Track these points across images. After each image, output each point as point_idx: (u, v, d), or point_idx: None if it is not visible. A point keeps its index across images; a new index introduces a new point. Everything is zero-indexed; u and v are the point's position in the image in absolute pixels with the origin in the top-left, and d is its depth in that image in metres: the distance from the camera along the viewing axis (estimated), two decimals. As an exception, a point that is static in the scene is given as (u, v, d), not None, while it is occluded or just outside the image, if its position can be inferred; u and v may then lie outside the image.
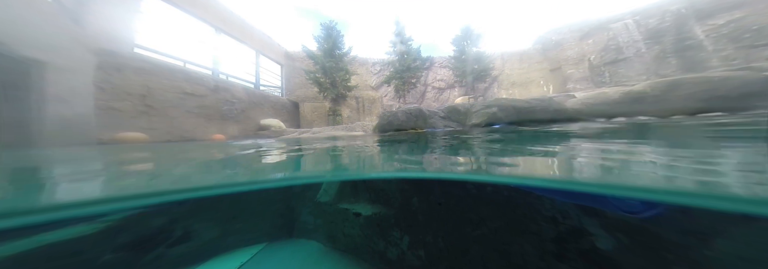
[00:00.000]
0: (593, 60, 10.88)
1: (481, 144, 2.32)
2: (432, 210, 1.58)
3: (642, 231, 1.00)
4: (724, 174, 0.92)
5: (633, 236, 1.02)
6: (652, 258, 0.97)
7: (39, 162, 2.26)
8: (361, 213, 1.82)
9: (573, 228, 1.16)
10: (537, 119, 4.46)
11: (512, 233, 1.30)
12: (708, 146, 1.57)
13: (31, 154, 3.05)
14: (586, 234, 1.12)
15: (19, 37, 3.90)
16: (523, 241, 1.25)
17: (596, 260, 1.08)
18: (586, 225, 1.13)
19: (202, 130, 8.01)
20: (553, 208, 1.22)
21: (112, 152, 3.12)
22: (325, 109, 12.67)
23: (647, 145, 1.74)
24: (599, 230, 1.09)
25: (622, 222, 1.05)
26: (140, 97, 6.60)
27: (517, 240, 1.27)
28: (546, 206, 1.24)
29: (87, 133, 5.54)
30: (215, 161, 2.23)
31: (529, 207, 1.28)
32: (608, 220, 1.08)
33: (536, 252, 1.21)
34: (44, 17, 4.44)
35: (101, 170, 1.90)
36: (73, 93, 5.12)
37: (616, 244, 1.04)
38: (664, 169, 1.04)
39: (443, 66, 14.54)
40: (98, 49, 5.92)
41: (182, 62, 8.16)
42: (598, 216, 1.11)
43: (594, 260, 1.08)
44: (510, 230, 1.31)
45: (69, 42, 5.07)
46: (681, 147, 1.62)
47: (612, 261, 1.05)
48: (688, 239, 0.92)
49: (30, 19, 4.11)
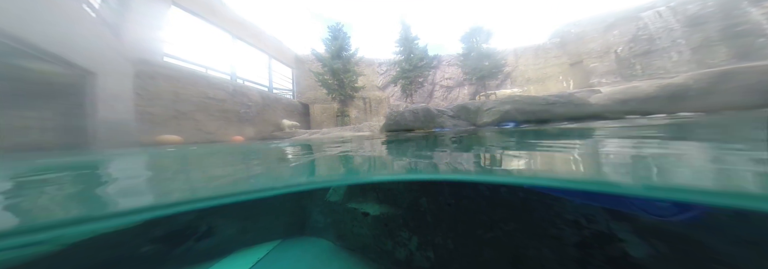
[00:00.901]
0: (620, 52, 10.03)
1: (491, 145, 2.21)
2: (441, 211, 1.52)
3: (684, 239, 0.88)
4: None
5: (673, 243, 0.90)
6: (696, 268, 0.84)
7: (156, 164, 2.46)
8: (369, 212, 1.80)
9: (599, 232, 1.05)
10: (556, 117, 4.17)
11: (529, 236, 1.21)
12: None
13: (112, 156, 3.42)
14: (615, 240, 1.00)
15: (73, 49, 4.41)
16: (541, 245, 1.16)
17: (627, 268, 0.96)
18: (615, 230, 1.02)
19: (223, 131, 8.51)
20: (576, 211, 1.12)
21: (178, 154, 3.31)
22: (334, 110, 12.91)
23: (693, 143, 1.54)
24: (631, 235, 0.98)
25: (659, 227, 0.93)
26: (171, 102, 7.18)
27: (534, 244, 1.18)
28: (567, 209, 1.14)
29: (130, 135, 6.12)
30: (286, 162, 2.29)
31: (548, 210, 1.18)
32: (641, 225, 0.97)
33: (556, 258, 1.11)
34: (90, 31, 4.99)
35: (234, 170, 2.02)
36: (117, 99, 5.70)
37: (652, 252, 0.92)
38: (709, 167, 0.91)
39: (451, 64, 14.20)
40: (135, 59, 6.54)
41: (204, 69, 8.76)
42: (628, 220, 0.99)
43: (624, 268, 0.97)
44: (526, 233, 1.22)
45: (111, 53, 5.66)
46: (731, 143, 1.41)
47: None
48: (742, 249, 0.79)
49: (79, 33, 4.64)
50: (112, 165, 2.43)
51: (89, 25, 5.02)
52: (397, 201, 1.76)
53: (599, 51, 10.70)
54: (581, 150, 1.59)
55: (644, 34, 9.45)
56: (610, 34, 10.41)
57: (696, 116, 3.57)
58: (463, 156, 1.82)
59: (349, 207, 1.97)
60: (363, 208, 1.86)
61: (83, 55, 4.61)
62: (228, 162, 2.50)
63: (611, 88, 6.56)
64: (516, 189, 1.30)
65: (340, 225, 2.06)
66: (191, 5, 8.49)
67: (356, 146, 2.95)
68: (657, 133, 2.05)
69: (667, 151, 1.32)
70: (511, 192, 1.32)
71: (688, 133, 2.11)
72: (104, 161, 2.68)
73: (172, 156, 3.03)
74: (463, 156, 1.82)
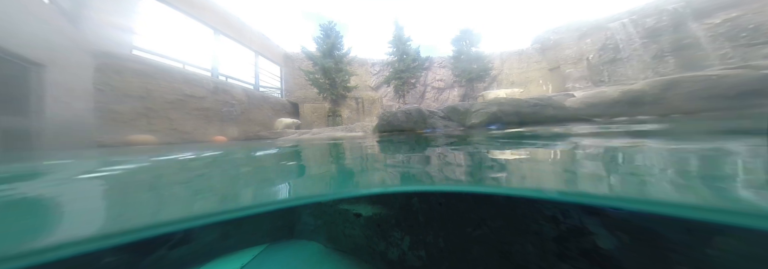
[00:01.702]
0: (591, 59, 10.92)
1: (479, 150, 2.31)
2: (432, 210, 1.57)
3: (644, 230, 1.00)
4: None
5: (635, 235, 1.02)
6: (656, 256, 0.96)
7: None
8: (362, 213, 1.81)
9: (574, 227, 1.15)
10: (537, 119, 4.46)
11: (513, 233, 1.30)
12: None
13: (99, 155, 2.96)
14: (587, 233, 1.11)
15: (13, 36, 3.87)
16: (524, 241, 1.25)
17: (598, 259, 1.07)
18: (587, 224, 1.12)
19: (201, 131, 8.00)
20: (554, 207, 1.22)
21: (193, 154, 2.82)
22: (325, 109, 12.67)
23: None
24: (600, 229, 1.09)
25: (623, 220, 1.04)
26: (140, 99, 6.60)
27: (518, 240, 1.27)
28: (546, 205, 1.24)
29: (87, 135, 5.53)
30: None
31: (530, 206, 1.28)
32: (609, 219, 1.08)
33: (537, 252, 1.20)
34: (38, 16, 4.42)
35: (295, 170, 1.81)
36: (72, 95, 5.11)
37: (618, 243, 1.04)
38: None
39: (442, 66, 14.57)
40: (96, 51, 5.92)
41: (181, 64, 8.16)
42: (597, 214, 1.11)
43: (596, 259, 1.08)
44: (511, 229, 1.31)
45: (66, 43, 5.06)
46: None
47: (614, 261, 1.04)
48: (691, 238, 0.92)
49: (23, 18, 4.07)
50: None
51: (37, 9, 4.44)
52: (389, 202, 1.79)
53: (574, 57, 11.57)
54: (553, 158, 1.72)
55: (611, 43, 10.37)
56: (583, 43, 11.29)
57: (649, 119, 4.00)
58: (450, 163, 1.87)
59: (341, 208, 1.96)
60: (355, 209, 1.87)
61: (27, 44, 4.05)
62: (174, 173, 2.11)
63: (583, 92, 7.13)
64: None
65: (332, 226, 2.05)
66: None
67: (349, 153, 2.93)
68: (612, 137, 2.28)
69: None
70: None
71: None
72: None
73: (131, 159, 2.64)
74: (450, 163, 1.87)
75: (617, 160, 1.52)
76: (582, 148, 1.84)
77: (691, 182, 1.00)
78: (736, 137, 1.73)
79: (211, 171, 1.98)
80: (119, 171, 1.90)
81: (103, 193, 1.33)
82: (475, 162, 1.80)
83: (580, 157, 1.62)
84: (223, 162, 2.37)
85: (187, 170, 2.03)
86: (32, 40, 4.18)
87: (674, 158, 1.39)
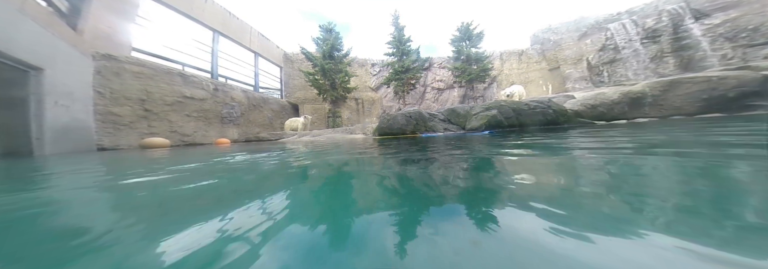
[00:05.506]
0: (591, 59, 10.93)
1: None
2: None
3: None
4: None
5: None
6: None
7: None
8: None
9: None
10: (537, 122, 4.46)
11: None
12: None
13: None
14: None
15: (12, 40, 3.87)
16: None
17: None
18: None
19: (202, 133, 8.01)
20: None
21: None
22: (325, 110, 12.69)
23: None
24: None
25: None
26: (139, 102, 6.60)
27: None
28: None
29: (88, 139, 5.53)
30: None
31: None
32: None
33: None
34: (38, 20, 4.42)
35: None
36: (72, 98, 5.11)
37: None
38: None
39: (442, 67, 14.58)
40: (96, 54, 5.92)
41: (181, 65, 8.18)
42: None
43: None
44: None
45: (65, 46, 5.06)
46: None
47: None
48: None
49: (22, 21, 4.08)
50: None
51: (36, 12, 4.44)
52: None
53: (574, 58, 11.58)
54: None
55: (611, 43, 10.38)
56: (583, 43, 11.30)
57: (649, 122, 3.99)
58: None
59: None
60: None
61: (26, 48, 4.05)
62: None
63: (583, 93, 7.14)
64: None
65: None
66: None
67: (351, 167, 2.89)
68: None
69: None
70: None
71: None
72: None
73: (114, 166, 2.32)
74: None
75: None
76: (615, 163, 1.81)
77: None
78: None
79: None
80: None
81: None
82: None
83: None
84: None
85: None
86: (30, 42, 4.18)
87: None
